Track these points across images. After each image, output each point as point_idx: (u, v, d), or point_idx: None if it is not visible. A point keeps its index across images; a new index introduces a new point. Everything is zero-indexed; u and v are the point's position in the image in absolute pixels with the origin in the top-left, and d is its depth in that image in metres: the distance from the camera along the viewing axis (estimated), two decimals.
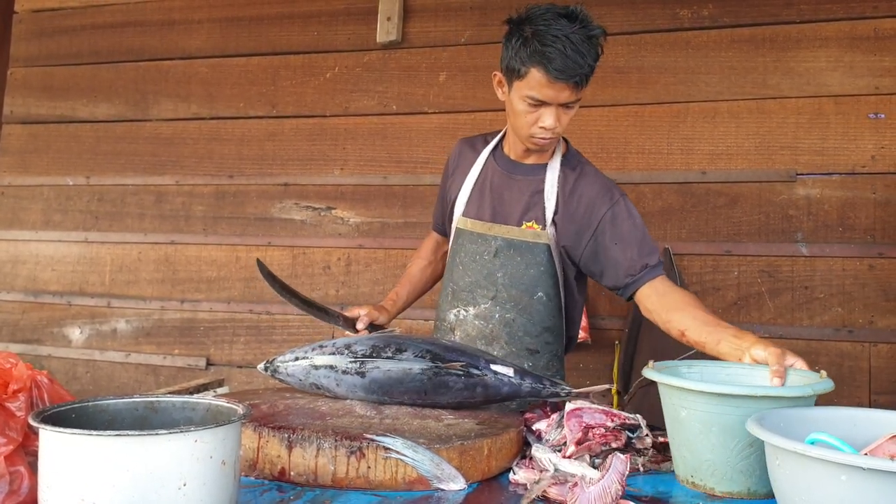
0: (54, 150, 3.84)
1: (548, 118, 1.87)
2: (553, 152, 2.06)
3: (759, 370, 1.61)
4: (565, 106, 1.87)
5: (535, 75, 1.82)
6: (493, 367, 1.64)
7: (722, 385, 1.39)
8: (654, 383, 2.73)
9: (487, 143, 2.17)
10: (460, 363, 1.62)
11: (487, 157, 2.12)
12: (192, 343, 3.52)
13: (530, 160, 2.06)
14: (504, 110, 1.99)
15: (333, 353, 1.71)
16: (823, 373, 1.47)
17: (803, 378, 1.51)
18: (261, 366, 1.82)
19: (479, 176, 2.11)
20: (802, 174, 2.82)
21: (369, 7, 3.37)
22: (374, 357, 1.66)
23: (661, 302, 1.91)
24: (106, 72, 3.80)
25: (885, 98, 2.76)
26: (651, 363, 1.55)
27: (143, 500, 0.96)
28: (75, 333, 3.69)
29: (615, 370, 2.91)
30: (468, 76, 3.22)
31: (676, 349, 2.67)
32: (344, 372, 1.67)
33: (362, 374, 1.65)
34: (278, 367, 1.82)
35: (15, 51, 3.97)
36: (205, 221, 3.56)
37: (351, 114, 3.39)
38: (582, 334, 2.88)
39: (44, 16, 3.95)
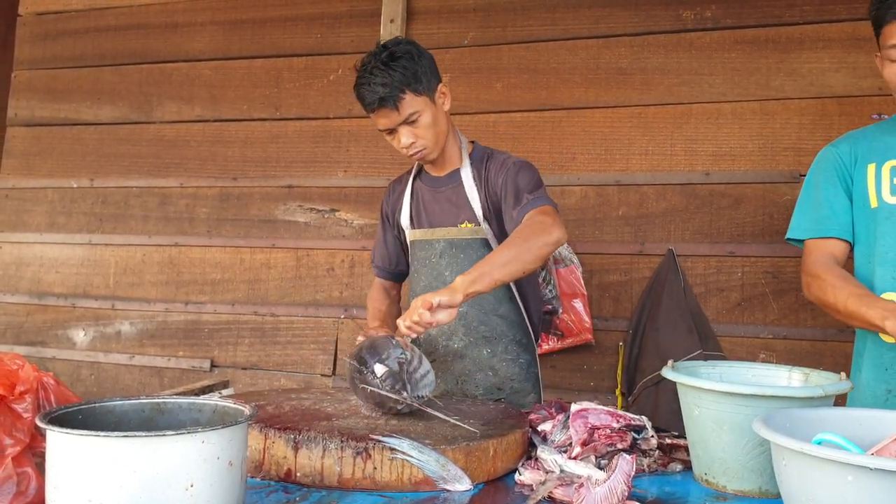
0: (58, 153, 3.84)
1: (402, 138, 2.10)
2: (461, 156, 2.25)
3: (781, 370, 1.62)
4: (407, 123, 2.08)
5: (371, 115, 2.11)
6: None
7: (732, 384, 1.39)
8: (658, 385, 2.74)
9: (408, 174, 2.38)
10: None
11: (413, 180, 2.34)
12: (197, 345, 3.52)
13: (445, 171, 2.26)
14: (505, 112, 2.04)
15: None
16: (843, 374, 1.47)
17: (822, 379, 1.52)
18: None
19: (411, 196, 2.32)
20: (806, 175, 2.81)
21: (372, 9, 3.37)
22: None
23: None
24: (109, 74, 3.81)
25: (888, 99, 2.76)
26: (671, 362, 1.56)
27: (150, 500, 0.96)
28: (79, 335, 3.70)
29: (619, 371, 2.91)
30: (471, 78, 3.22)
31: (681, 351, 2.68)
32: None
33: None
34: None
35: (19, 53, 3.98)
36: (209, 223, 3.57)
37: (354, 116, 3.39)
38: (586, 336, 2.88)
39: (47, 19, 3.96)
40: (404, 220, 2.32)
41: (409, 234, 2.30)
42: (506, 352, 2.19)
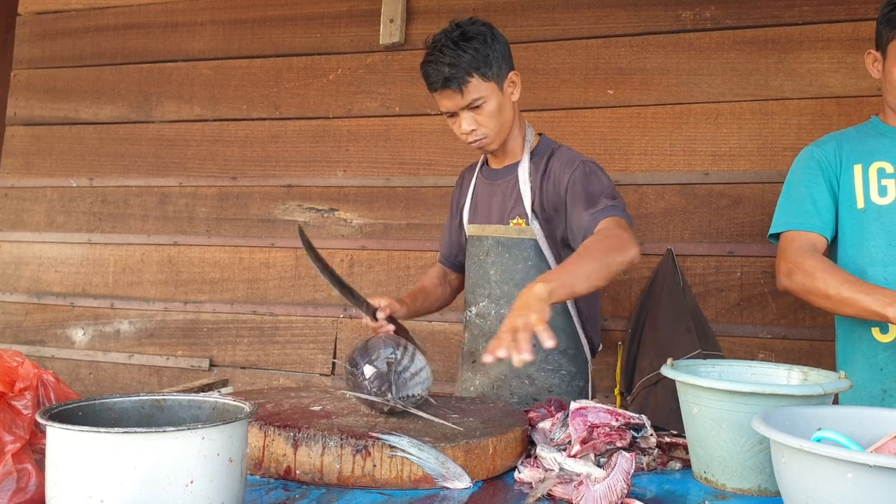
0: (57, 152, 3.84)
1: (463, 124, 2.04)
2: (524, 149, 2.17)
3: (780, 369, 1.62)
4: (470, 108, 2.02)
5: (434, 94, 2.06)
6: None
7: (731, 382, 1.39)
8: (657, 385, 2.74)
9: (476, 164, 2.35)
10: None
11: (477, 173, 2.30)
12: (196, 344, 3.52)
13: (505, 163, 2.20)
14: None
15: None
16: (842, 373, 1.48)
17: (821, 377, 1.53)
18: None
19: (473, 189, 2.29)
20: None
21: (372, 9, 3.37)
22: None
23: None
24: (109, 74, 3.81)
25: None
26: (670, 361, 1.56)
27: (150, 496, 0.96)
28: (78, 334, 3.69)
29: (618, 371, 2.91)
30: None
31: (680, 350, 2.68)
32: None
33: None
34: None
35: (18, 53, 3.98)
36: (208, 223, 3.57)
37: (354, 115, 3.40)
38: None
39: (47, 18, 3.96)
40: (466, 212, 2.29)
41: (467, 229, 2.28)
42: (546, 361, 2.11)
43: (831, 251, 2.03)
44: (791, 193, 2.04)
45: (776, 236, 2.05)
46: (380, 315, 2.01)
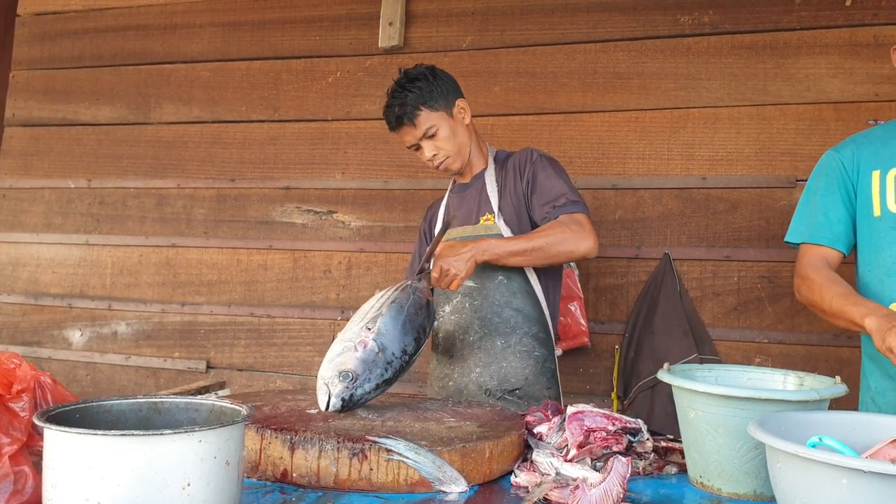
0: (56, 153, 3.84)
1: (426, 151, 2.34)
2: (486, 160, 2.43)
3: (776, 374, 1.62)
4: (427, 137, 2.30)
5: (396, 133, 2.36)
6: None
7: (727, 387, 1.40)
8: (654, 388, 2.75)
9: (447, 190, 2.57)
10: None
11: (448, 194, 2.53)
12: (193, 346, 3.52)
13: (470, 176, 2.44)
14: (502, 115, 2.11)
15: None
16: (838, 378, 1.48)
17: (817, 382, 1.53)
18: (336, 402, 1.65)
19: (445, 207, 2.51)
20: (802, 180, 2.82)
21: (371, 12, 3.38)
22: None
23: None
24: (108, 75, 3.81)
25: (885, 105, 2.77)
26: (667, 365, 1.56)
27: (147, 499, 0.96)
28: (76, 336, 3.69)
29: (615, 374, 2.91)
30: (469, 81, 3.22)
31: (677, 354, 2.69)
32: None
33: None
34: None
35: (17, 54, 3.98)
36: (206, 225, 3.57)
37: (353, 118, 3.40)
38: (582, 338, 2.89)
39: (46, 19, 3.96)
40: (438, 227, 2.46)
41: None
42: (520, 344, 2.26)
43: (854, 260, 2.01)
44: (808, 202, 2.02)
45: (794, 242, 2.04)
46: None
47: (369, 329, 1.75)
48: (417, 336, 1.82)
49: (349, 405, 1.63)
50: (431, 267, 2.09)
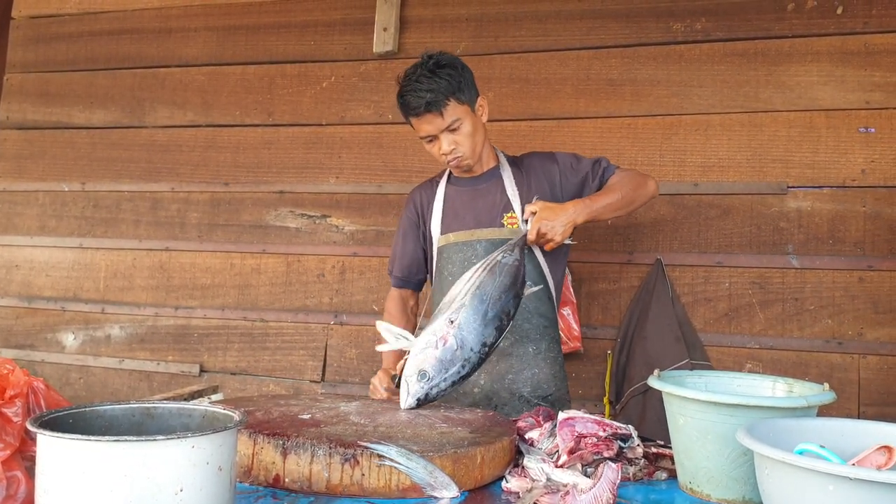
0: (50, 156, 3.84)
1: (443, 144, 2.21)
2: (497, 158, 2.39)
3: (765, 381, 1.64)
4: (449, 130, 2.20)
5: (411, 120, 2.23)
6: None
7: (716, 394, 1.41)
8: (645, 394, 2.76)
9: (437, 181, 2.46)
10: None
11: (445, 187, 2.41)
12: (186, 350, 3.52)
13: (480, 171, 2.36)
14: (496, 121, 2.09)
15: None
16: (826, 385, 1.49)
17: (806, 389, 1.54)
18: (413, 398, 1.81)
19: (444, 201, 2.38)
20: (794, 187, 2.84)
21: (366, 17, 3.39)
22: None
23: None
24: (102, 78, 3.81)
25: (876, 112, 2.79)
26: (657, 371, 1.57)
27: None
28: (69, 339, 3.69)
29: (607, 380, 2.92)
30: None
31: (668, 359, 2.70)
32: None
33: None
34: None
35: (11, 56, 3.98)
36: (200, 228, 3.57)
37: (347, 123, 3.41)
38: (575, 343, 2.90)
39: (41, 22, 3.96)
40: (435, 228, 2.36)
41: (441, 240, 2.35)
42: (549, 349, 2.30)
43: None
44: None
45: None
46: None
47: (452, 322, 1.81)
48: (500, 324, 1.86)
49: (424, 403, 1.79)
50: (529, 227, 2.11)
